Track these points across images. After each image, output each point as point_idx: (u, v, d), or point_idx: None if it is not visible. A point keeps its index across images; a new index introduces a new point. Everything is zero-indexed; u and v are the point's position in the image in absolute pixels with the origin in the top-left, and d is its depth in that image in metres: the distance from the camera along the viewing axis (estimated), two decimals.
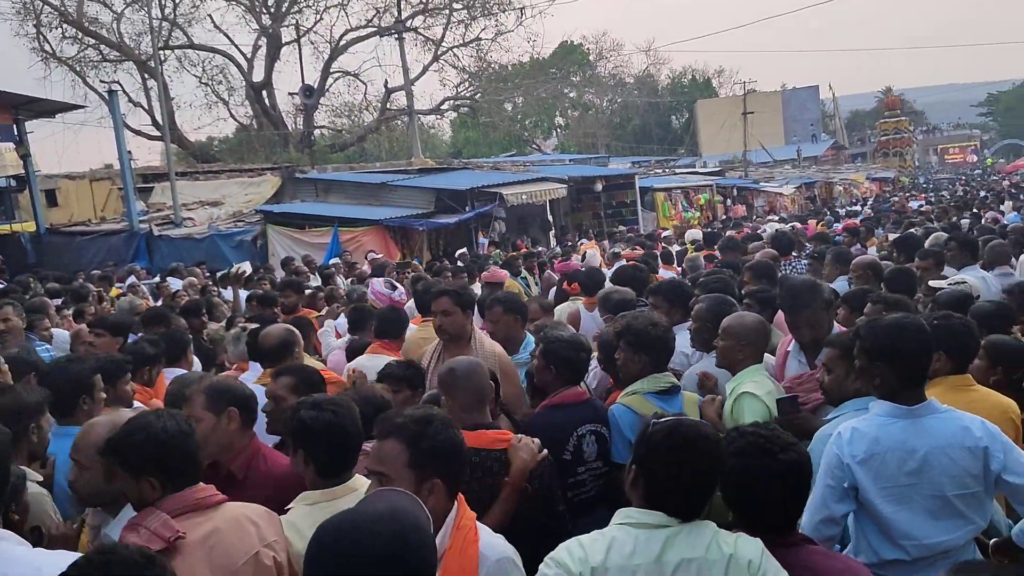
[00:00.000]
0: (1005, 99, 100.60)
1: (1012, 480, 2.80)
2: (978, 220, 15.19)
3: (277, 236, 18.01)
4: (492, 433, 3.25)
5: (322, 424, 2.78)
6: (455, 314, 4.64)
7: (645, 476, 2.31)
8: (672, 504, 2.28)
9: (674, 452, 2.28)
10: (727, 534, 2.30)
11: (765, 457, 2.38)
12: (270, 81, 34.27)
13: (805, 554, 2.39)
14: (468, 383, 3.34)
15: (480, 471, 3.13)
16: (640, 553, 2.22)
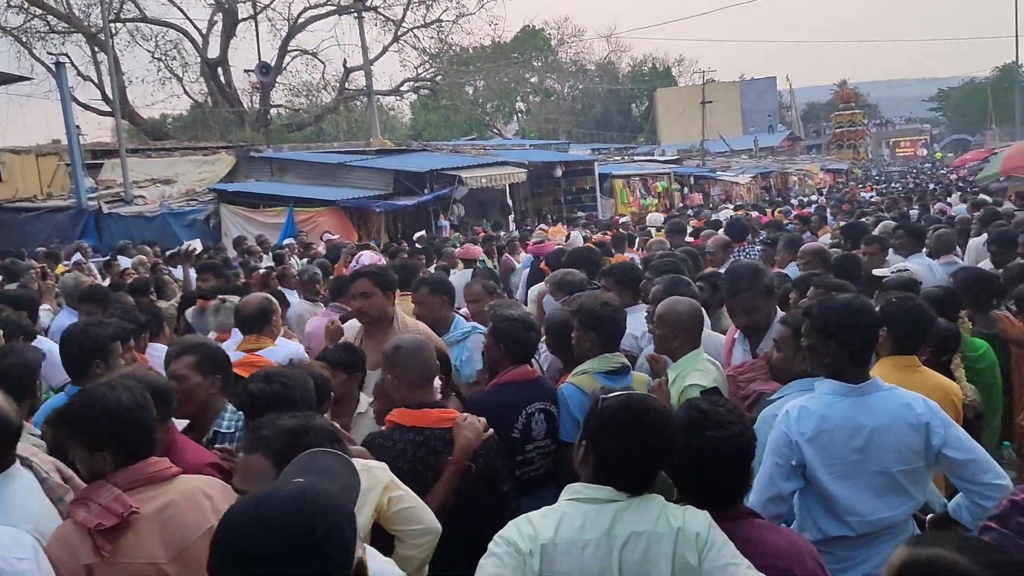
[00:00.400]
0: (954, 95, 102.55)
1: (951, 455, 2.86)
2: (927, 211, 15.52)
3: (230, 215, 17.72)
4: (436, 412, 3.23)
5: (271, 397, 2.74)
6: (375, 296, 4.48)
7: (595, 451, 2.31)
8: (622, 479, 2.28)
9: (625, 426, 2.27)
10: (675, 507, 2.31)
11: (696, 432, 2.40)
12: (226, 58, 33.62)
13: (749, 528, 2.41)
14: (413, 360, 3.30)
15: (424, 450, 3.12)
16: (589, 528, 2.22)
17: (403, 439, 3.14)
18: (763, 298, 4.07)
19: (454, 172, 19.95)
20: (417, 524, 2.78)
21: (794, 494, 2.95)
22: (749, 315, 4.05)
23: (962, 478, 2.86)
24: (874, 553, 2.88)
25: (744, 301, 4.06)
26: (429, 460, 3.12)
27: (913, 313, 3.60)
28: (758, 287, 4.05)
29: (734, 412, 2.48)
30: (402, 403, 3.27)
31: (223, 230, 17.41)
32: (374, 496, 2.71)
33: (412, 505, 2.79)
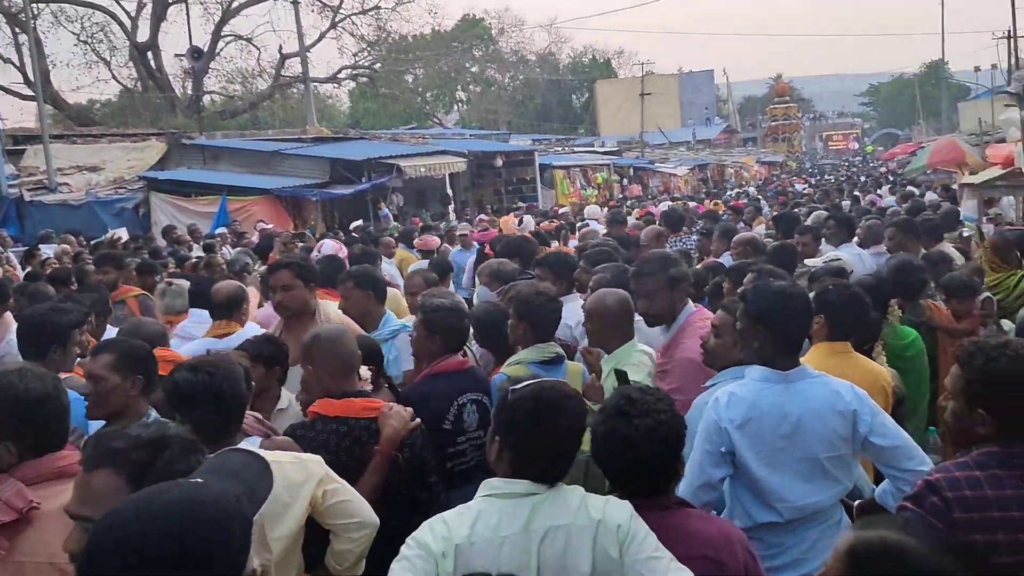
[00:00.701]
0: (885, 90, 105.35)
1: (877, 442, 2.88)
2: (857, 202, 15.90)
3: (161, 204, 17.27)
4: (361, 401, 3.15)
5: (199, 387, 2.61)
6: (297, 288, 4.28)
7: (508, 444, 2.24)
8: (537, 470, 2.21)
9: (536, 417, 2.21)
10: (596, 498, 2.26)
11: (623, 420, 2.35)
12: (156, 42, 32.63)
13: (679, 517, 2.38)
14: (335, 349, 3.21)
15: (348, 440, 3.03)
16: (506, 524, 2.15)
17: (326, 429, 3.05)
18: (665, 285, 3.91)
19: (392, 161, 19.74)
20: (354, 518, 2.70)
21: (724, 481, 2.94)
22: (649, 300, 3.92)
23: (887, 465, 2.88)
24: (802, 538, 2.90)
25: (645, 284, 3.93)
26: (354, 451, 3.04)
27: (850, 300, 3.63)
28: (661, 274, 3.92)
29: (664, 400, 2.44)
30: (324, 394, 3.18)
31: (153, 219, 16.98)
32: (308, 490, 2.61)
33: (348, 498, 2.71)
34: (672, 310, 3.89)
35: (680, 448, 2.41)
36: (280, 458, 2.68)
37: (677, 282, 3.91)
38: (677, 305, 3.91)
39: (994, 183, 12.61)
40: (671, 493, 2.46)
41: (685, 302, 3.94)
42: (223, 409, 2.68)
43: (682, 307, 3.91)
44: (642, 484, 2.37)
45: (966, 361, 2.25)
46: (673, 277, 3.89)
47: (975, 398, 2.22)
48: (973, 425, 2.23)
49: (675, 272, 3.92)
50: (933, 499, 2.14)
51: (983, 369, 2.20)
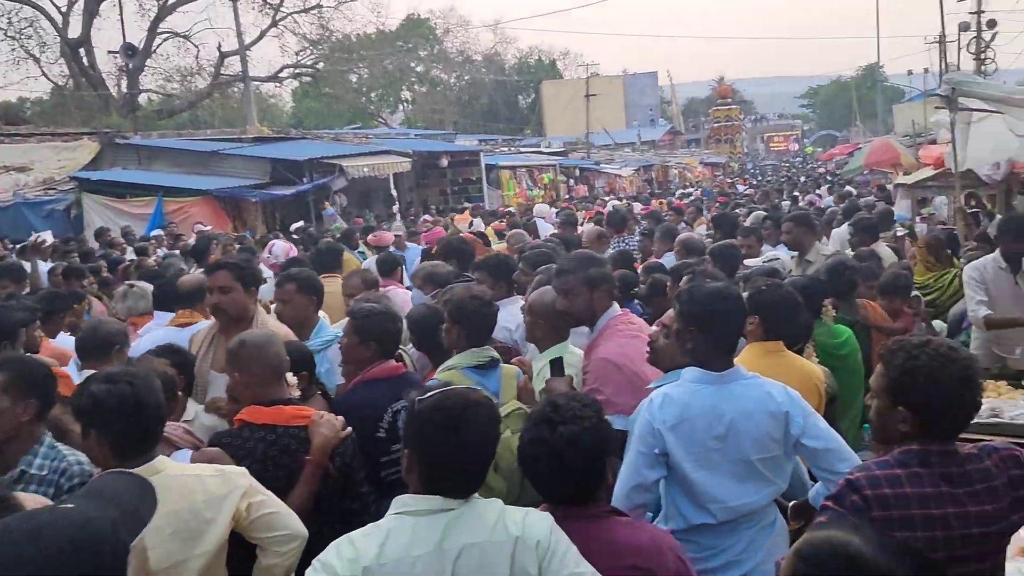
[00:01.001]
0: (823, 92, 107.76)
1: (810, 444, 2.88)
2: (796, 203, 16.19)
3: (94, 206, 16.76)
4: (290, 409, 3.05)
5: (116, 399, 2.48)
6: (235, 291, 4.02)
7: (418, 458, 2.15)
8: (449, 484, 2.12)
9: (444, 427, 2.12)
10: (515, 512, 2.17)
11: (547, 428, 2.29)
12: (89, 38, 31.69)
13: (608, 526, 2.33)
14: (262, 355, 3.11)
15: (276, 449, 2.94)
16: (418, 543, 2.05)
17: (253, 437, 2.95)
18: (583, 285, 3.74)
19: (335, 161, 19.47)
20: (281, 530, 2.61)
21: (658, 483, 2.92)
22: (567, 298, 3.76)
23: (819, 467, 2.89)
24: (736, 540, 2.89)
25: (564, 282, 3.78)
26: (282, 460, 2.95)
27: (783, 300, 3.65)
28: (581, 272, 3.77)
29: (590, 406, 2.38)
30: (252, 401, 3.07)
31: (86, 221, 16.45)
32: (231, 503, 2.53)
33: (275, 510, 2.63)
34: (592, 310, 3.75)
35: (606, 455, 2.36)
36: (202, 471, 2.59)
37: (597, 282, 3.76)
38: (598, 306, 3.76)
39: (926, 183, 12.94)
40: (600, 501, 2.41)
41: (607, 304, 3.80)
42: (144, 421, 2.54)
43: (604, 308, 3.77)
44: (569, 493, 2.32)
45: (888, 359, 2.25)
46: (592, 277, 3.75)
47: (896, 396, 2.22)
48: (896, 423, 2.23)
49: (595, 272, 3.77)
50: (853, 497, 2.14)
51: (903, 367, 2.19)
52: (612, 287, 3.85)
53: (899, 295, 5.23)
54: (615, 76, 76.15)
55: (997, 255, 5.63)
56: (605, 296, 3.77)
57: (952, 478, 2.15)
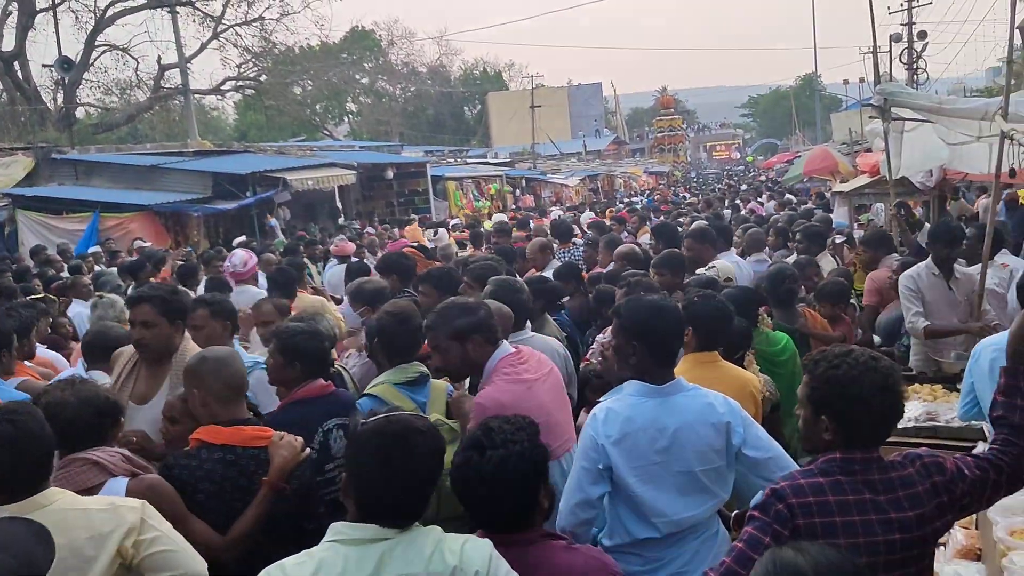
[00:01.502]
0: (763, 102, 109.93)
1: (751, 454, 2.92)
2: (738, 211, 16.44)
3: (28, 223, 16.27)
4: (250, 430, 2.99)
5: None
6: (159, 326, 3.77)
7: (354, 484, 2.09)
8: (385, 512, 2.06)
9: (382, 453, 2.06)
10: (453, 540, 2.12)
11: (477, 453, 2.28)
12: (23, 51, 30.86)
13: (544, 550, 2.31)
14: (222, 373, 3.04)
15: (234, 470, 2.87)
16: (351, 573, 1.99)
17: (211, 458, 2.88)
18: (454, 340, 3.43)
19: (278, 174, 19.26)
20: (175, 570, 2.45)
21: (603, 498, 2.91)
22: (439, 356, 3.48)
23: (761, 476, 2.90)
24: (680, 552, 2.90)
25: (432, 339, 3.50)
26: (240, 482, 2.88)
27: (714, 311, 3.69)
28: (447, 327, 3.44)
29: (524, 430, 2.36)
30: (210, 420, 3.00)
31: (20, 239, 15.96)
32: (114, 540, 2.37)
33: (170, 548, 2.47)
34: (470, 361, 3.46)
35: (539, 480, 2.34)
36: (91, 505, 2.46)
37: (467, 333, 3.43)
38: (475, 355, 3.45)
39: (863, 191, 13.25)
40: (536, 526, 2.38)
41: (486, 351, 3.49)
42: (29, 458, 2.39)
43: (484, 356, 3.47)
44: (501, 519, 2.29)
45: (810, 369, 2.28)
46: (460, 330, 3.42)
47: (819, 405, 2.25)
48: (820, 432, 2.26)
49: (462, 324, 3.43)
50: (778, 506, 2.16)
51: (824, 377, 2.23)
52: (488, 333, 3.49)
53: (838, 301, 5.34)
54: (560, 87, 76.73)
55: (930, 262, 5.75)
56: (480, 344, 3.46)
57: (875, 485, 2.19)
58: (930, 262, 5.75)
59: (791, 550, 1.62)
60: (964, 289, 5.72)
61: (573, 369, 4.62)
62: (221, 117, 60.64)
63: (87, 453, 2.77)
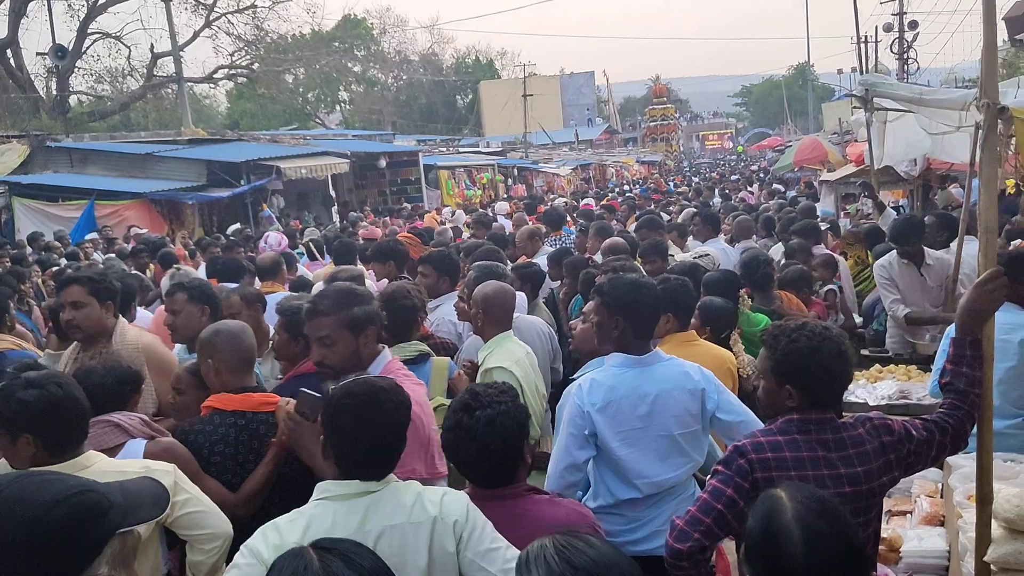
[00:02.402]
0: (756, 91, 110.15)
1: (724, 417, 3.16)
2: (728, 199, 16.65)
3: (24, 210, 16.39)
4: (259, 396, 3.18)
5: (46, 401, 2.52)
6: (89, 306, 3.80)
7: (333, 444, 2.28)
8: (364, 467, 2.25)
9: (353, 412, 2.26)
10: (433, 492, 2.31)
11: (466, 414, 2.48)
12: (16, 39, 30.83)
13: (528, 503, 2.51)
14: (234, 344, 3.24)
15: (246, 434, 3.07)
16: (340, 526, 2.16)
17: (224, 423, 3.08)
18: (348, 329, 3.06)
19: (272, 163, 19.40)
20: (204, 529, 2.69)
21: (588, 462, 3.14)
22: (325, 348, 3.10)
23: (733, 439, 3.11)
24: (659, 512, 3.13)
25: (317, 326, 3.10)
26: (252, 444, 3.07)
27: (681, 293, 3.89)
28: (342, 312, 3.05)
29: (506, 393, 2.57)
30: (222, 388, 3.20)
31: (17, 226, 16.08)
32: None
33: (200, 509, 2.70)
34: (359, 358, 3.09)
35: (523, 437, 2.54)
36: (127, 468, 2.64)
37: (362, 324, 3.07)
38: (364, 353, 3.11)
39: (848, 180, 13.48)
40: (521, 480, 2.57)
41: (375, 348, 3.16)
42: (72, 419, 2.59)
43: (372, 355, 3.15)
44: (490, 473, 2.49)
45: (771, 344, 2.50)
46: (357, 319, 3.06)
47: (781, 376, 2.46)
48: (783, 399, 2.48)
49: (360, 313, 3.07)
50: (739, 461, 2.39)
51: (786, 350, 2.44)
52: (380, 328, 3.20)
53: (800, 288, 5.54)
54: (552, 76, 76.71)
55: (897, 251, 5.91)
56: (373, 340, 3.14)
57: (827, 444, 2.41)
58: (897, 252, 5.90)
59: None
60: (937, 275, 5.88)
61: (558, 345, 4.85)
62: (213, 105, 60.54)
63: (110, 416, 3.00)
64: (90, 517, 1.42)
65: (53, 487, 1.42)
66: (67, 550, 1.38)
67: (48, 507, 1.37)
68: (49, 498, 1.39)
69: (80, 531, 1.40)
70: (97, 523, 1.43)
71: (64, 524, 1.38)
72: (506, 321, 4.08)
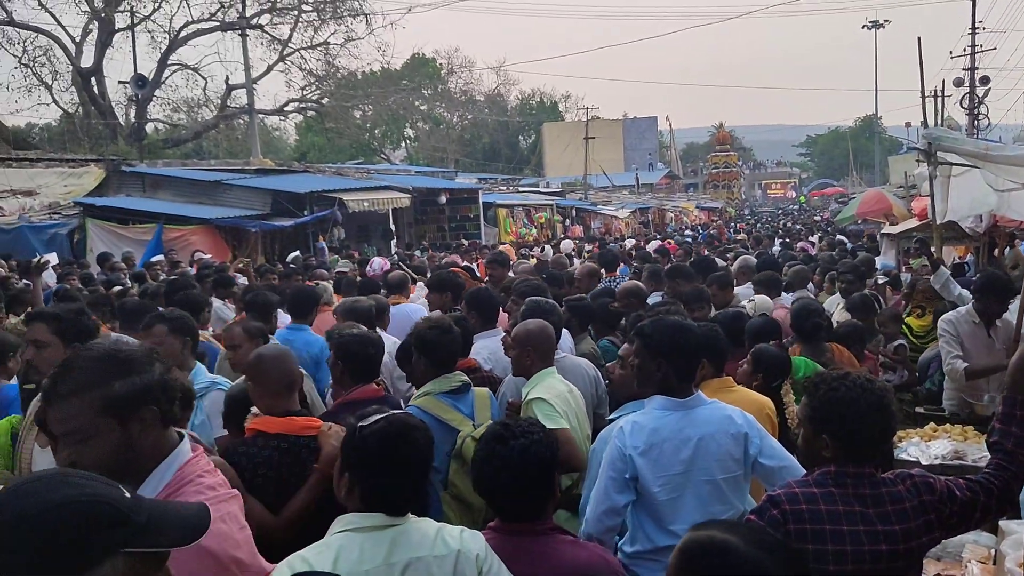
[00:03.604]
0: (821, 141, 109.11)
1: (766, 463, 3.11)
2: (788, 248, 16.43)
3: (97, 231, 17.00)
4: (301, 420, 3.24)
5: None
6: (52, 347, 3.46)
7: (360, 480, 2.29)
8: (391, 502, 2.27)
9: (387, 449, 2.28)
10: (451, 529, 2.33)
11: (500, 444, 2.49)
12: (100, 68, 32.25)
13: (552, 542, 2.49)
14: (275, 369, 3.31)
15: (289, 457, 3.13)
16: (368, 558, 2.18)
17: (268, 446, 3.15)
18: (97, 414, 1.96)
19: (335, 195, 19.81)
20: None
21: (627, 507, 3.10)
22: (68, 444, 1.98)
23: (775, 485, 3.07)
24: None
25: (61, 411, 1.98)
26: (295, 468, 3.13)
27: (713, 338, 3.83)
28: (92, 392, 1.96)
29: (536, 425, 2.58)
30: (266, 411, 3.28)
31: (88, 246, 16.68)
32: None
33: None
34: (134, 458, 2.03)
35: (553, 469, 2.53)
36: None
37: (130, 405, 2.01)
38: (143, 446, 2.05)
39: (911, 233, 13.20)
40: (548, 515, 2.56)
41: (161, 438, 2.13)
42: None
43: (158, 448, 2.11)
44: (521, 505, 2.49)
45: (811, 392, 2.47)
46: (120, 399, 1.99)
47: (819, 425, 2.43)
48: (820, 449, 2.44)
49: (124, 388, 2.00)
50: (773, 512, 2.35)
51: (825, 399, 2.41)
52: (168, 402, 2.13)
53: (852, 343, 5.43)
54: (615, 120, 77.07)
55: (971, 309, 5.71)
56: (153, 427, 2.09)
57: (865, 498, 2.36)
58: (971, 309, 5.70)
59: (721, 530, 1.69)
60: (1004, 335, 5.68)
61: (604, 391, 4.71)
62: (283, 137, 62.24)
63: None
64: (92, 526, 1.37)
65: (70, 489, 1.41)
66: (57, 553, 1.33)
67: (53, 506, 1.34)
68: (59, 498, 1.39)
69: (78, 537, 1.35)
70: (99, 534, 1.37)
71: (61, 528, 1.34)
72: (548, 358, 4.06)
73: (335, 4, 35.68)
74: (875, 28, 67.59)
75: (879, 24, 67.66)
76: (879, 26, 67.53)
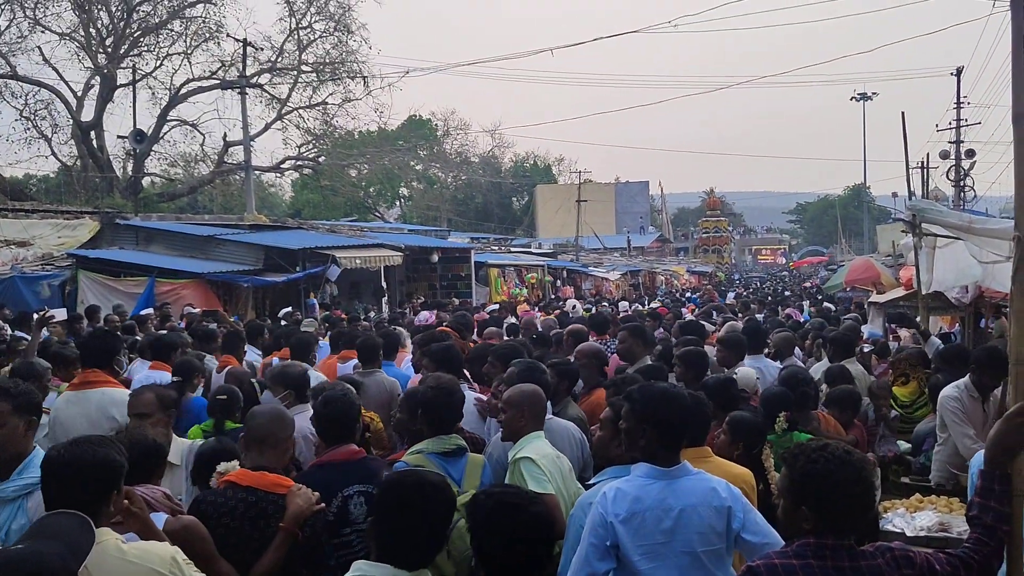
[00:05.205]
0: (811, 209, 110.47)
1: (749, 539, 3.09)
2: (775, 314, 16.53)
3: (89, 283, 17.00)
4: (272, 477, 3.27)
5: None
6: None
7: (376, 527, 2.35)
8: (400, 554, 2.31)
9: (401, 501, 2.34)
10: None
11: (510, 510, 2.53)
12: (100, 122, 32.63)
13: None
14: (248, 425, 3.40)
15: (254, 511, 3.15)
16: None
17: (235, 497, 3.19)
18: None
19: (328, 251, 19.92)
20: None
21: (608, 574, 3.06)
22: None
23: None
24: None
25: None
26: (258, 522, 3.15)
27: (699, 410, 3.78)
28: None
29: (528, 495, 2.60)
30: (248, 465, 3.34)
31: (80, 297, 16.66)
32: None
33: None
34: None
35: (544, 540, 2.56)
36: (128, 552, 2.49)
37: None
38: None
39: (898, 303, 13.34)
40: None
41: None
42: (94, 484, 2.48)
43: None
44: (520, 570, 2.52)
45: (790, 463, 2.48)
46: None
47: (798, 497, 2.44)
48: (799, 521, 2.45)
49: None
50: None
51: (804, 471, 2.43)
52: None
53: (844, 409, 5.46)
54: (607, 183, 78.02)
55: (968, 383, 5.64)
56: None
57: (844, 571, 2.36)
58: (969, 383, 5.63)
59: None
60: (992, 410, 5.58)
61: (589, 454, 4.64)
62: (278, 193, 62.69)
63: (135, 488, 3.06)
64: None
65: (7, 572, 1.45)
66: None
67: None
68: None
69: None
70: None
71: None
72: (540, 421, 4.06)
73: (334, 66, 36.29)
74: (863, 100, 69.30)
75: (867, 96, 69.41)
76: (867, 98, 69.27)
